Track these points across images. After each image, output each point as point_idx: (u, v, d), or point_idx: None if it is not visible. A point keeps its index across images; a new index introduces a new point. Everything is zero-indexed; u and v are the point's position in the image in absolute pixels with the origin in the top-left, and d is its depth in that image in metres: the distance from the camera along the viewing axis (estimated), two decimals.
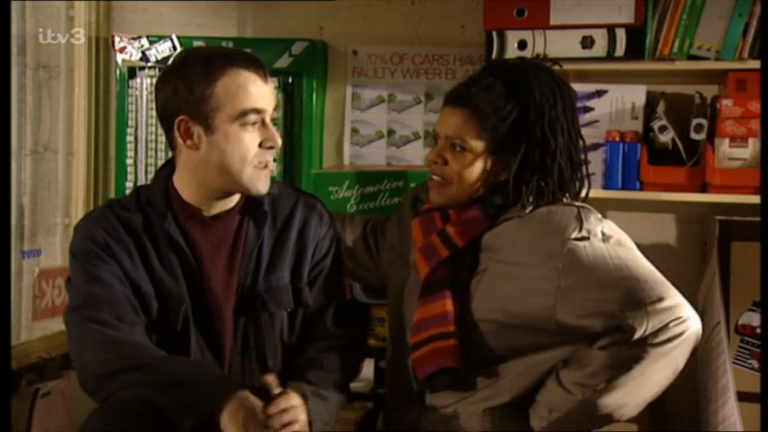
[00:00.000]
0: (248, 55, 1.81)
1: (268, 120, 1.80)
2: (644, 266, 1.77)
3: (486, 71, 1.97)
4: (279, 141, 1.81)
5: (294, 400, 1.68)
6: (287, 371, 1.87)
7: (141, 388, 1.64)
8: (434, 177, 1.95)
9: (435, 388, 1.87)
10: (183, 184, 1.84)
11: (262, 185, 1.81)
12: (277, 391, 1.69)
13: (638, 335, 1.67)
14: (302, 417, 1.68)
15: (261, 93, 1.78)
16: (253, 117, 1.77)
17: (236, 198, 1.88)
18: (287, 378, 1.81)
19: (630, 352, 1.69)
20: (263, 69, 1.80)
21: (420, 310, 1.89)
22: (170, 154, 1.89)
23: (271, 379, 1.70)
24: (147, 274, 1.80)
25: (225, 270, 1.85)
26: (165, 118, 1.80)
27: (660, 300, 1.67)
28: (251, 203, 1.88)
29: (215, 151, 1.77)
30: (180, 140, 1.79)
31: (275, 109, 1.84)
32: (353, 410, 2.56)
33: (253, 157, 1.78)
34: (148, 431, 1.60)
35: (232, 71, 1.75)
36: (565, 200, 1.91)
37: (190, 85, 1.75)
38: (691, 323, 1.69)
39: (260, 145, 1.79)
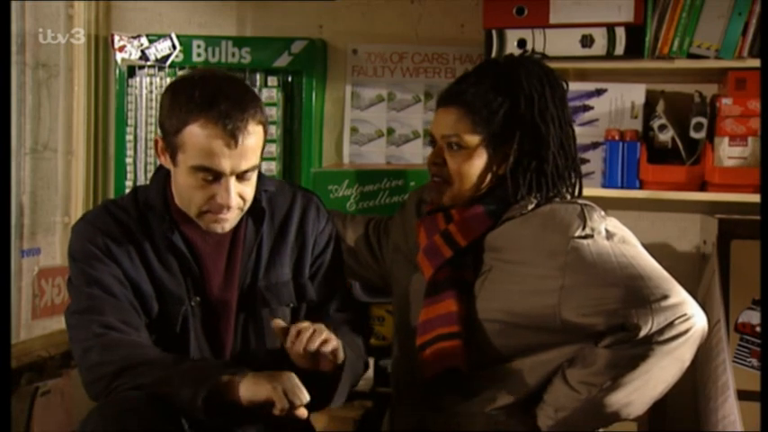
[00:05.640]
0: (233, 109, 1.67)
1: (229, 181, 1.71)
2: (648, 264, 1.77)
3: (475, 70, 1.98)
4: (232, 203, 1.73)
5: (315, 324, 1.68)
6: None
7: (152, 383, 1.62)
8: (435, 179, 1.95)
9: (441, 388, 1.87)
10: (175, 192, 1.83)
11: (219, 227, 1.78)
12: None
13: (643, 333, 1.67)
14: (329, 334, 1.67)
15: (223, 154, 1.67)
16: (204, 175, 1.71)
17: None
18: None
19: (635, 350, 1.70)
20: (241, 130, 1.67)
21: (425, 310, 1.89)
22: None
23: (278, 321, 1.70)
24: (147, 274, 1.80)
25: (225, 269, 1.85)
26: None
27: (665, 297, 1.68)
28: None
29: (176, 182, 1.78)
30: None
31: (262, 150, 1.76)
32: (353, 409, 2.56)
33: (203, 204, 1.74)
34: (149, 429, 1.58)
35: (203, 121, 1.66)
36: (563, 197, 1.91)
37: (171, 110, 1.72)
38: (696, 320, 1.70)
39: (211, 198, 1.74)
